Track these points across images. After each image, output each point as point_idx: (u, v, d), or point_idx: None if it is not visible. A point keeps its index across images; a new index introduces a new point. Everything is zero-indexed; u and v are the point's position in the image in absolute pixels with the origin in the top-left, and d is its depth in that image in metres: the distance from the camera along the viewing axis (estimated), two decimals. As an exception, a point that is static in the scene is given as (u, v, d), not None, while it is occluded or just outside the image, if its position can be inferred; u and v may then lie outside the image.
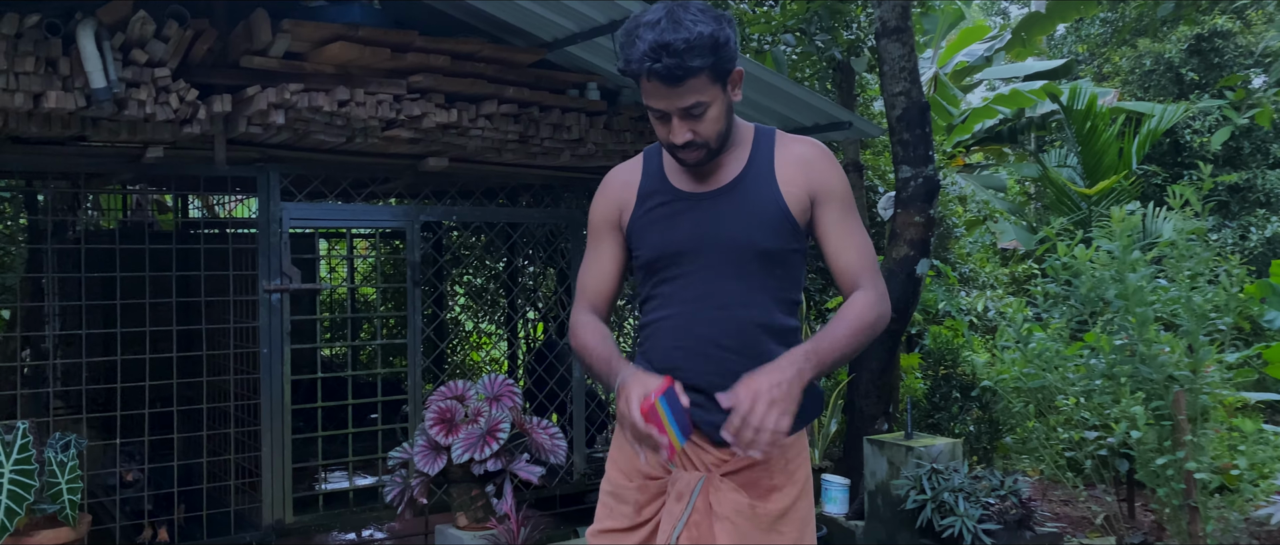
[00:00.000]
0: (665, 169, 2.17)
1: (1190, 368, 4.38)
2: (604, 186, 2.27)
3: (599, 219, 2.25)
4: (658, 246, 2.10)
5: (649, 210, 2.14)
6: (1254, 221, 11.46)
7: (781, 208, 2.08)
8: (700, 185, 2.12)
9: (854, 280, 2.08)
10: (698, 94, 1.95)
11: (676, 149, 2.03)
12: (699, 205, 2.10)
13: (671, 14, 1.92)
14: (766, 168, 2.12)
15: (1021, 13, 17.65)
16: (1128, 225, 4.36)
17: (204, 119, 4.23)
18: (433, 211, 5.19)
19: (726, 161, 2.12)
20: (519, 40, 4.93)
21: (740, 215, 2.07)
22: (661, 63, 1.89)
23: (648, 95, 1.98)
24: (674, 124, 2.00)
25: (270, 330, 4.65)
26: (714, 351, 2.07)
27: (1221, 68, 12.28)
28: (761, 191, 2.09)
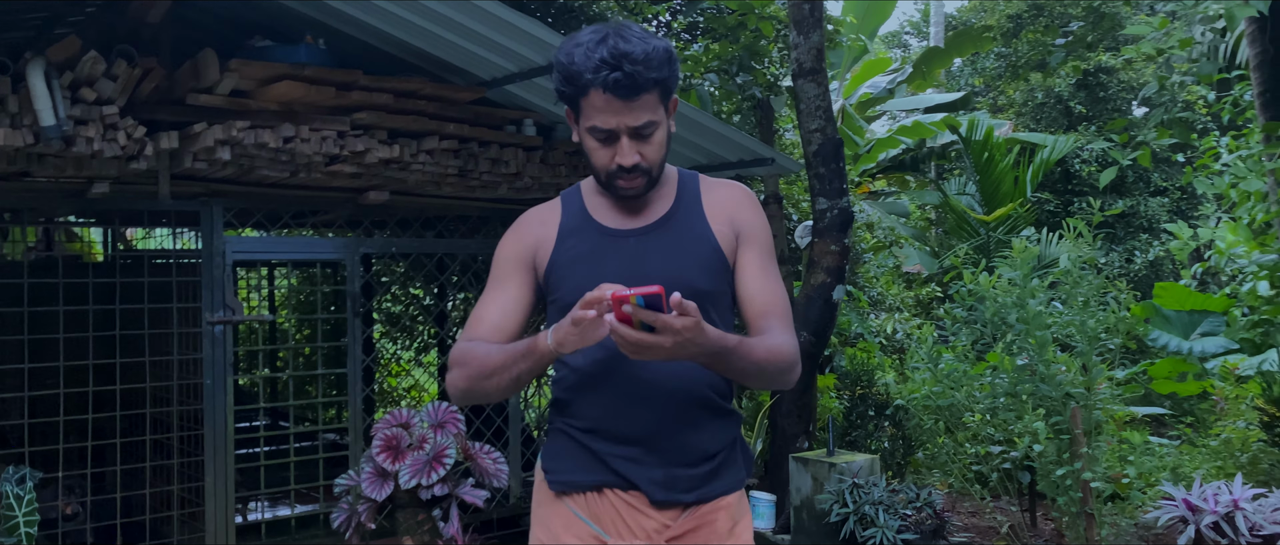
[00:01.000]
0: (587, 206, 2.05)
1: (1085, 385, 4.78)
2: (518, 224, 2.11)
3: (509, 257, 2.06)
4: (581, 286, 1.80)
5: (571, 248, 2.00)
6: (1138, 246, 12.23)
7: (714, 246, 1.99)
8: (627, 222, 2.01)
9: (769, 324, 1.96)
10: (649, 112, 1.87)
11: (621, 174, 1.91)
12: (626, 243, 1.98)
13: (618, 31, 1.85)
14: (695, 206, 2.03)
15: (921, 47, 18.43)
16: (1027, 256, 4.75)
17: (150, 155, 4.31)
18: (372, 243, 5.32)
19: (653, 199, 2.02)
20: (459, 79, 5.12)
21: (673, 253, 1.96)
22: (622, 71, 1.80)
23: (594, 113, 1.87)
24: (623, 144, 1.89)
25: (214, 362, 4.73)
26: (655, 400, 1.93)
27: (1106, 101, 13.10)
28: (693, 228, 2.00)
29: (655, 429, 1.94)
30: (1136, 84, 13.12)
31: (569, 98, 1.91)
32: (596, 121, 1.88)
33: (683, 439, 1.96)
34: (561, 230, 2.03)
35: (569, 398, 2.01)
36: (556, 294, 1.99)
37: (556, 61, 1.91)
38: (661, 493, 1.95)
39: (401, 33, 4.72)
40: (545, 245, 2.03)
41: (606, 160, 1.93)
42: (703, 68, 6.19)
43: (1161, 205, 12.48)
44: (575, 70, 1.85)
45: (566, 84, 1.89)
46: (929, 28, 18.28)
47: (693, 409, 1.96)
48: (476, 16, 4.36)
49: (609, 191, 1.99)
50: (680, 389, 1.94)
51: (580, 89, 1.86)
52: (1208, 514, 4.05)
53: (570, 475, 2.01)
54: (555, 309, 2.00)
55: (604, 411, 1.96)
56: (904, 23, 20.81)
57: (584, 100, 1.87)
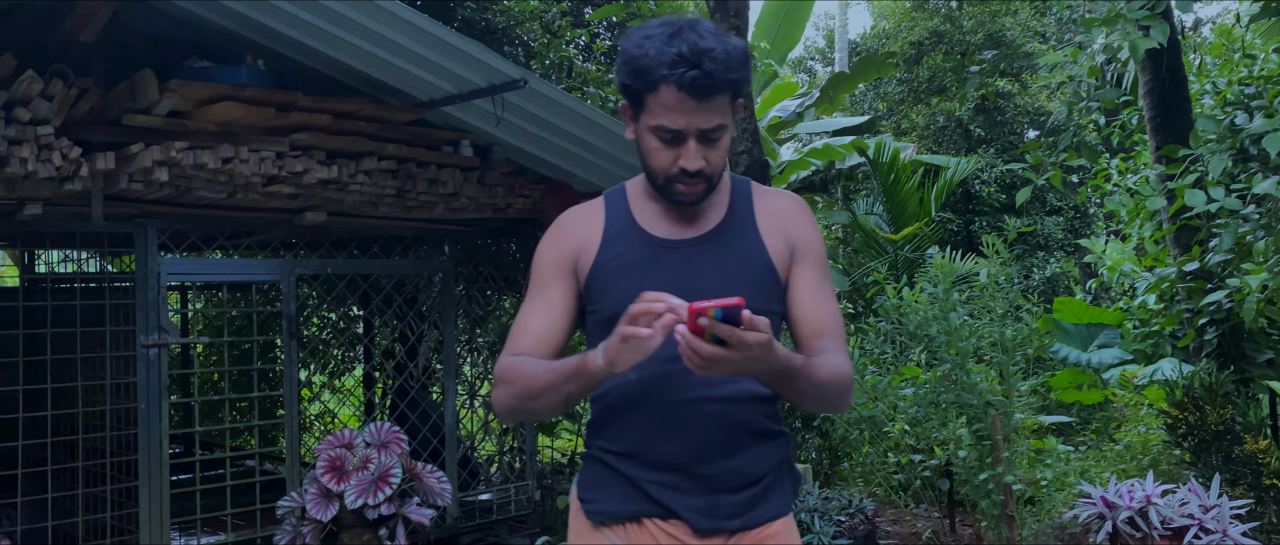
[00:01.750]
0: (633, 211, 1.91)
1: (1003, 393, 5.04)
2: (559, 226, 1.96)
3: (550, 262, 1.91)
4: (626, 298, 1.65)
5: (615, 256, 1.86)
6: (1036, 263, 12.80)
7: (767, 263, 1.86)
8: (677, 231, 1.87)
9: (825, 345, 1.83)
10: (720, 115, 1.75)
11: (682, 178, 1.79)
12: (675, 254, 1.85)
13: (693, 26, 1.73)
14: (748, 217, 1.90)
15: (827, 72, 18.98)
16: (950, 272, 5.00)
17: (85, 176, 4.25)
18: (308, 264, 5.30)
19: (706, 207, 1.89)
20: (397, 100, 5.15)
21: (723, 268, 1.84)
22: (700, 69, 1.68)
23: (662, 111, 1.73)
24: (689, 147, 1.76)
25: (148, 385, 4.65)
26: (697, 422, 1.80)
27: (1003, 124, 13.70)
28: (745, 243, 1.87)
29: (696, 453, 1.81)
30: (1031, 109, 13.76)
31: (633, 93, 1.77)
32: (663, 120, 1.74)
33: (726, 464, 1.83)
34: (605, 236, 1.88)
35: (607, 417, 1.88)
36: (598, 305, 1.86)
37: (624, 51, 1.77)
38: (704, 521, 1.83)
39: (341, 54, 4.74)
40: (587, 250, 1.88)
41: (668, 162, 1.78)
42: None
43: (1057, 224, 13.09)
44: (647, 63, 1.71)
45: (635, 77, 1.75)
46: (834, 53, 18.83)
47: (738, 433, 1.83)
48: (416, 38, 4.42)
49: (664, 196, 1.84)
50: (725, 412, 1.81)
51: (649, 84, 1.73)
52: (1123, 510, 4.31)
53: (607, 505, 1.88)
54: (595, 321, 1.87)
55: (643, 434, 1.83)
56: (809, 49, 21.39)
57: (651, 96, 1.74)
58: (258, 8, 4.36)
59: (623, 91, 1.81)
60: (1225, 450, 4.77)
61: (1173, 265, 5.55)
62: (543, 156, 5.52)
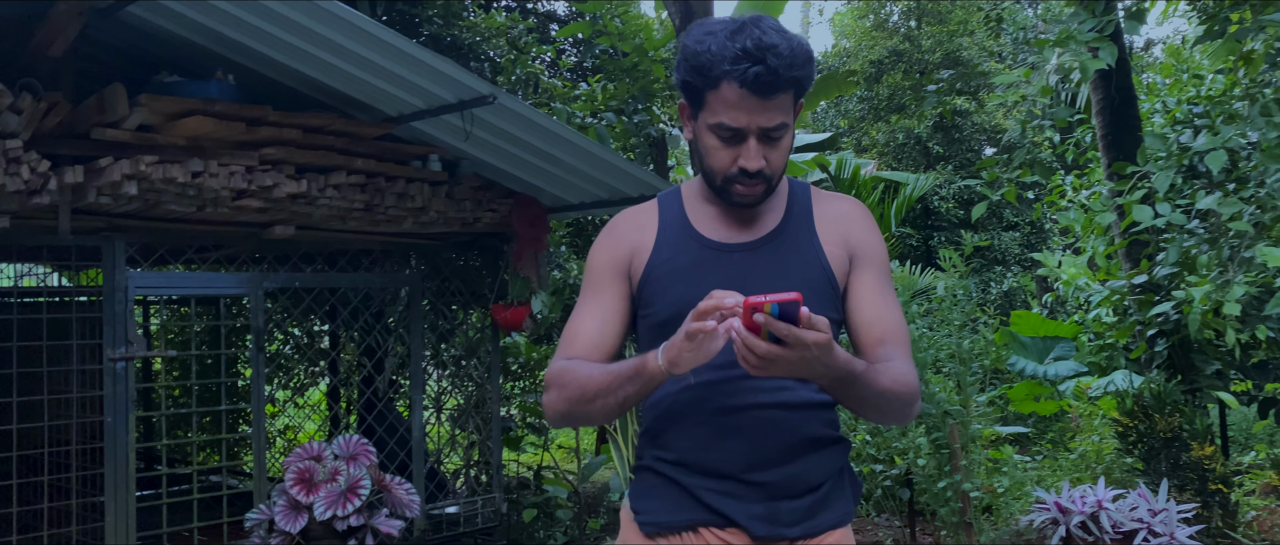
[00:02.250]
0: (688, 213, 1.87)
1: (961, 403, 5.17)
2: (613, 227, 1.92)
3: (603, 264, 1.88)
4: (680, 302, 1.66)
5: (669, 259, 1.82)
6: (993, 277, 13.04)
7: (825, 269, 1.81)
8: (732, 235, 1.83)
9: (889, 352, 1.78)
10: (783, 113, 1.71)
11: (742, 178, 1.74)
12: (731, 257, 1.81)
13: (757, 22, 1.68)
14: (806, 222, 1.86)
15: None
16: (909, 284, 5.12)
17: (54, 189, 4.26)
18: (276, 278, 5.33)
19: (763, 210, 1.85)
20: (366, 115, 5.20)
21: (780, 272, 1.79)
22: (764, 65, 1.64)
23: (723, 108, 1.69)
24: (749, 146, 1.72)
25: (115, 399, 4.65)
26: (754, 429, 1.76)
27: (961, 142, 13.98)
28: (803, 248, 1.83)
29: (753, 461, 1.76)
30: (987, 126, 14.04)
31: (694, 90, 1.73)
32: (724, 118, 1.70)
33: (784, 470, 1.78)
34: (659, 238, 1.85)
35: (661, 425, 1.83)
36: (651, 309, 1.82)
37: (685, 47, 1.73)
38: (763, 528, 1.78)
39: (311, 69, 4.79)
40: (641, 252, 1.85)
41: (727, 162, 1.74)
42: (601, 106, 6.43)
43: (1014, 239, 13.36)
44: (709, 59, 1.67)
45: (696, 74, 1.70)
46: (795, 71, 19.03)
47: (796, 440, 1.79)
48: (385, 53, 4.47)
49: (721, 197, 1.80)
50: (783, 419, 1.77)
51: (711, 81, 1.69)
52: (1076, 514, 4.44)
53: (660, 515, 1.82)
54: (648, 325, 1.83)
55: (698, 441, 1.78)
56: (771, 65, 21.59)
57: (712, 93, 1.70)
58: (228, 24, 4.40)
59: (682, 89, 1.78)
60: (1173, 457, 4.93)
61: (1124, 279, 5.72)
62: (510, 171, 5.59)
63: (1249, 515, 5.38)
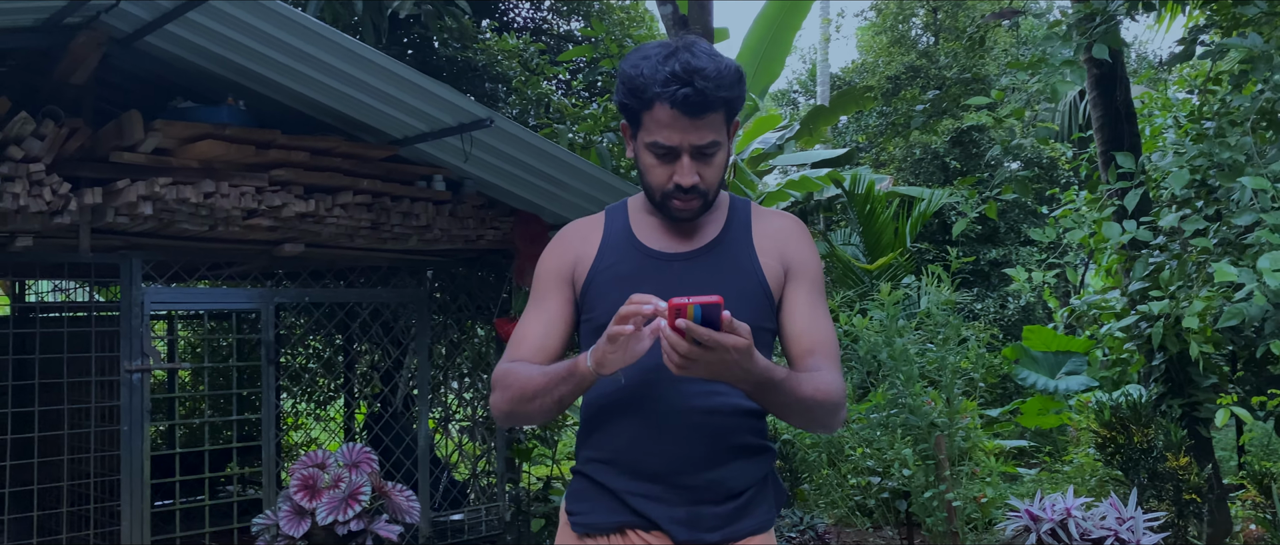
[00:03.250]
0: (632, 225, 1.98)
1: (948, 416, 5.29)
2: (559, 237, 2.05)
3: (549, 271, 2.00)
4: (618, 307, 1.72)
5: (611, 266, 1.94)
6: (1010, 293, 13.05)
7: (760, 281, 1.91)
8: (672, 245, 1.94)
9: (816, 363, 1.87)
10: (714, 131, 1.82)
11: (677, 194, 1.85)
12: (670, 266, 1.92)
13: (689, 46, 1.81)
14: (744, 235, 1.95)
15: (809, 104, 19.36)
16: (894, 298, 5.26)
17: (74, 210, 4.51)
18: (286, 293, 5.56)
19: (703, 223, 1.96)
20: (373, 137, 5.42)
21: (716, 281, 1.87)
22: (692, 87, 1.76)
23: (657, 128, 1.81)
24: (683, 163, 1.83)
25: (131, 409, 4.89)
26: (682, 432, 1.85)
27: (978, 157, 14.02)
28: (739, 260, 1.93)
29: (679, 465, 1.85)
30: (1004, 142, 14.08)
31: (630, 111, 1.86)
32: (658, 137, 1.82)
33: (709, 475, 1.87)
34: (603, 247, 1.97)
35: (593, 425, 1.95)
36: (592, 313, 1.93)
37: (622, 72, 1.86)
38: (685, 532, 1.88)
39: (319, 95, 5.02)
40: (584, 260, 1.96)
41: (663, 179, 1.86)
42: (602, 126, 6.62)
43: (1031, 254, 13.38)
44: (642, 82, 1.80)
45: (630, 96, 1.83)
46: (816, 87, 19.20)
47: (722, 445, 1.87)
48: (389, 81, 4.69)
49: (661, 212, 1.92)
50: (710, 424, 1.86)
51: (644, 102, 1.81)
52: (1046, 522, 4.56)
53: (593, 517, 1.94)
54: (589, 329, 1.93)
55: (627, 441, 1.88)
56: (793, 82, 21.76)
57: (647, 114, 1.82)
58: (239, 52, 4.64)
59: (621, 111, 1.90)
60: (1150, 467, 5.02)
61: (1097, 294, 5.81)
62: (512, 190, 5.78)
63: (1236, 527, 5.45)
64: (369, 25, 5.13)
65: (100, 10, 4.36)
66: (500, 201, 5.90)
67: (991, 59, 14.24)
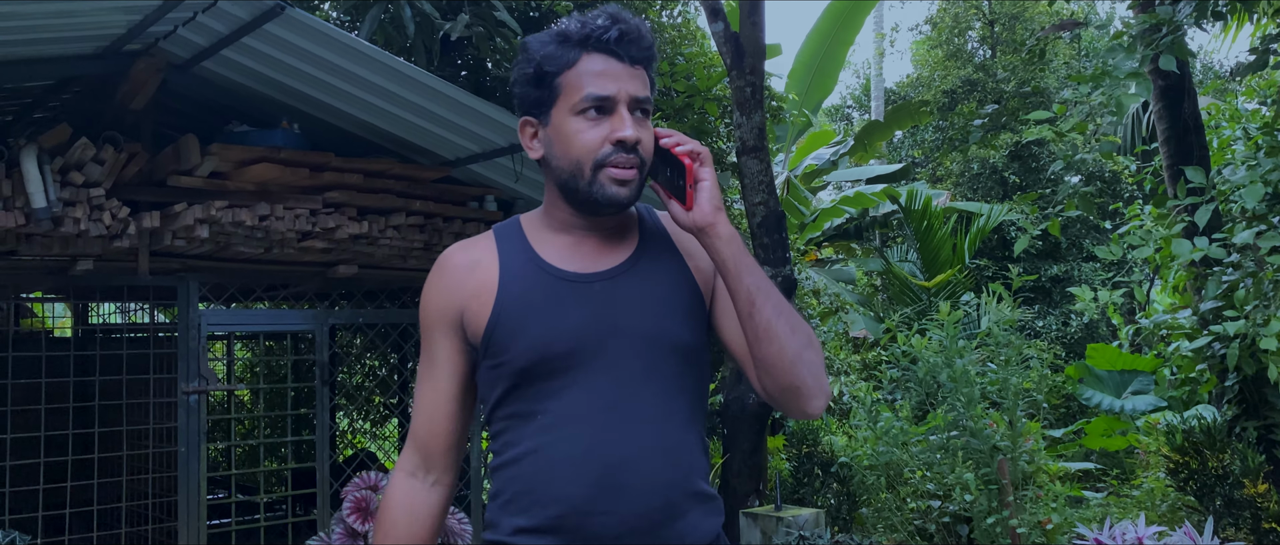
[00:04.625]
0: (533, 245, 1.67)
1: (1010, 439, 5.14)
2: (440, 269, 1.70)
3: (433, 316, 1.68)
4: (539, 345, 1.57)
5: (520, 296, 1.61)
6: (1073, 310, 12.75)
7: (693, 288, 1.67)
8: (587, 264, 1.64)
9: None
10: (647, 89, 1.62)
11: (616, 155, 1.57)
12: (591, 288, 1.62)
13: (602, 9, 1.65)
14: (664, 241, 1.70)
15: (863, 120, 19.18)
16: (954, 318, 5.13)
17: (133, 233, 4.57)
18: (340, 315, 5.58)
19: (614, 237, 1.68)
20: (425, 158, 5.44)
21: (649, 299, 1.62)
22: (625, 24, 1.59)
23: (587, 80, 1.57)
24: (621, 114, 1.57)
25: (187, 430, 4.93)
26: (634, 483, 1.55)
27: (1038, 172, 13.75)
28: (668, 268, 1.67)
29: (639, 522, 1.55)
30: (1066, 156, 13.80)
31: (544, 84, 1.61)
32: (591, 88, 1.57)
33: (670, 531, 1.58)
34: (503, 276, 1.64)
35: (527, 486, 1.58)
36: (504, 356, 1.60)
37: (528, 47, 1.64)
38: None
39: (372, 117, 5.04)
40: (480, 296, 1.63)
41: (596, 141, 1.58)
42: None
43: (1094, 271, 13.07)
44: (560, 42, 1.60)
45: (548, 61, 1.60)
46: (870, 102, 19.01)
47: (681, 493, 1.59)
48: (441, 103, 4.70)
49: (588, 198, 1.60)
50: (670, 467, 1.59)
51: (565, 62, 1.59)
52: (1118, 552, 4.39)
53: None
54: (501, 374, 1.61)
55: (579, 501, 1.54)
56: (846, 96, 21.59)
57: (569, 74, 1.59)
58: (293, 77, 4.68)
59: (526, 97, 1.65)
60: (1226, 494, 4.82)
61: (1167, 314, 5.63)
62: (564, 210, 5.76)
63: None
64: (420, 48, 5.15)
65: (159, 37, 4.42)
66: (552, 221, 5.87)
67: (1051, 72, 13.97)
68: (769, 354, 1.58)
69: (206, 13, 4.08)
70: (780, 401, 1.62)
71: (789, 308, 1.61)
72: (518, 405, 1.61)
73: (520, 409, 1.61)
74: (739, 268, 1.59)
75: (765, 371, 1.60)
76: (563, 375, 1.58)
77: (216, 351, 7.78)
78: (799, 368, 1.58)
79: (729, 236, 1.59)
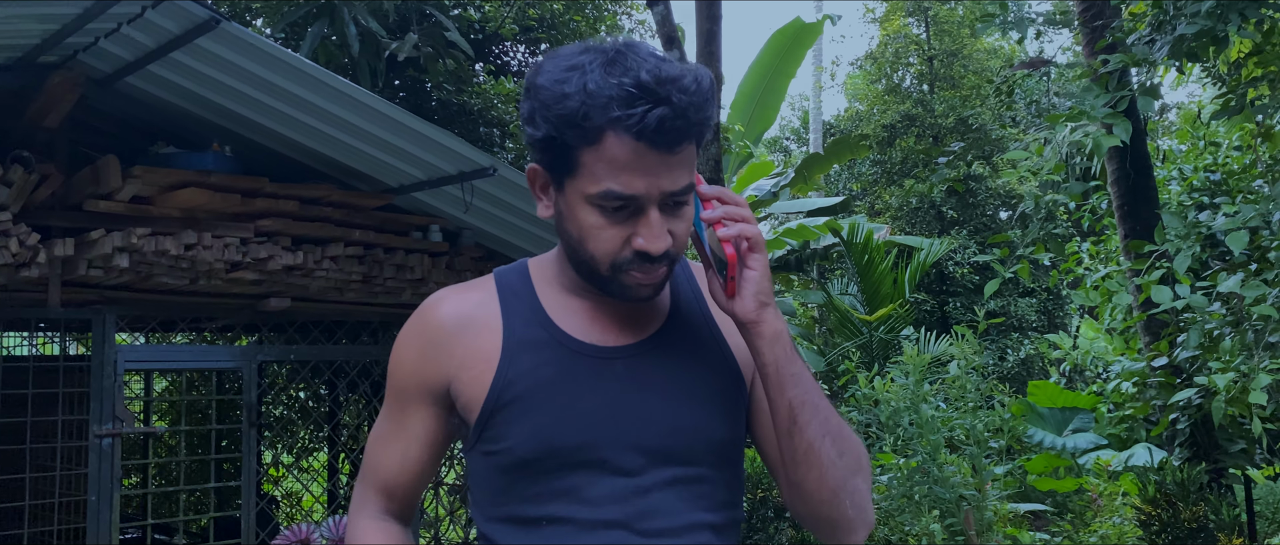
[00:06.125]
0: (543, 304, 1.36)
1: (975, 486, 4.98)
2: (422, 326, 1.38)
3: (410, 379, 1.38)
4: (546, 435, 1.29)
5: (529, 372, 1.31)
6: (1010, 345, 12.83)
7: (732, 370, 1.38)
8: (610, 335, 1.34)
9: None
10: (688, 171, 1.25)
11: (641, 264, 1.26)
12: (611, 368, 1.32)
13: (633, 48, 1.23)
14: (699, 307, 1.40)
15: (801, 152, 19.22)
16: (920, 361, 4.97)
17: (43, 262, 4.18)
18: (271, 351, 5.22)
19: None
20: (366, 185, 5.13)
21: (679, 383, 1.33)
22: (671, 106, 1.19)
23: (608, 172, 1.21)
24: (650, 218, 1.24)
25: (99, 477, 4.52)
26: None
27: (975, 206, 13.84)
28: (704, 343, 1.38)
29: None
30: (1002, 191, 13.92)
31: (561, 149, 1.24)
32: (612, 184, 1.22)
33: None
34: (507, 342, 1.32)
35: None
36: (502, 444, 1.31)
37: (540, 89, 1.24)
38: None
39: (310, 140, 4.73)
40: (474, 369, 1.33)
41: (616, 244, 1.26)
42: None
43: (1030, 306, 13.16)
44: (584, 102, 1.20)
45: (566, 125, 1.21)
46: (808, 134, 19.09)
47: None
48: (385, 125, 4.41)
49: (606, 290, 1.31)
50: None
51: (588, 134, 1.21)
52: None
53: None
54: (493, 463, 1.33)
55: None
56: (785, 128, 21.66)
57: (590, 152, 1.22)
58: (227, 95, 4.35)
59: (542, 148, 1.26)
60: (1200, 548, 4.73)
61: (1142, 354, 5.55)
62: (513, 241, 5.49)
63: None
64: (365, 67, 4.85)
65: (78, 49, 4.07)
66: (500, 253, 5.60)
67: (987, 108, 14.11)
68: (808, 480, 1.30)
69: (132, 24, 3.74)
70: (811, 528, 1.37)
71: (837, 424, 1.32)
72: (514, 507, 1.32)
73: (517, 512, 1.32)
74: (781, 377, 1.29)
75: (801, 497, 1.32)
76: (571, 473, 1.29)
77: (133, 389, 7.30)
78: (840, 499, 1.30)
79: (774, 336, 1.29)
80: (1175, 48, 3.77)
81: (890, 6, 15.39)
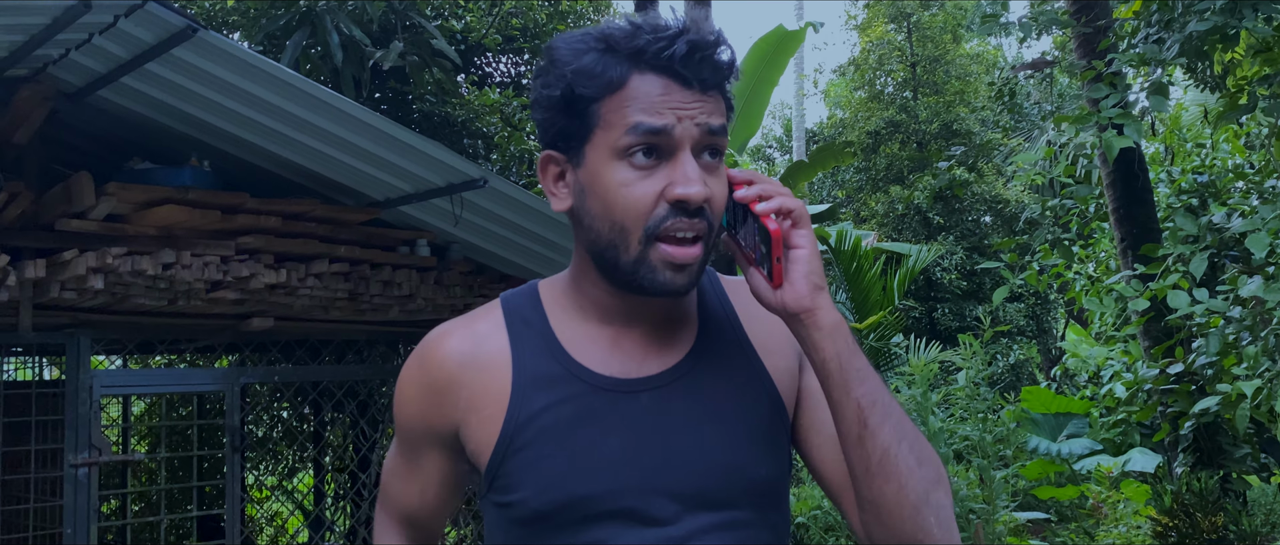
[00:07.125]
0: (556, 329, 1.22)
1: (985, 498, 4.85)
2: (423, 367, 1.24)
3: (415, 428, 1.27)
4: (563, 484, 1.15)
5: (544, 411, 1.17)
6: (999, 350, 12.76)
7: (773, 398, 1.22)
8: (632, 364, 1.20)
9: None
10: (721, 118, 1.15)
11: (677, 218, 1.12)
12: (635, 402, 1.18)
13: (650, 17, 1.18)
14: (732, 328, 1.25)
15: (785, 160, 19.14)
16: (927, 372, 4.84)
17: (13, 285, 3.99)
18: (254, 373, 5.03)
19: (672, 320, 1.23)
20: (351, 199, 4.95)
21: (713, 417, 1.19)
22: (699, 35, 1.12)
23: (635, 109, 1.11)
24: (683, 161, 1.11)
25: (76, 509, 4.31)
26: None
27: (961, 212, 13.80)
28: (740, 368, 1.23)
29: None
30: (988, 196, 13.88)
31: (579, 106, 1.14)
32: (639, 117, 1.11)
33: None
34: (518, 380, 1.18)
35: None
36: (513, 496, 1.17)
37: (558, 54, 1.16)
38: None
39: (292, 154, 4.55)
40: (482, 412, 1.19)
41: (648, 200, 1.12)
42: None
43: (1019, 310, 13.11)
44: (611, 41, 1.13)
45: (585, 78, 1.13)
46: (791, 142, 19.01)
47: None
48: (370, 137, 4.24)
49: (633, 280, 1.15)
50: None
51: (609, 81, 1.13)
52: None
53: None
54: (506, 515, 1.19)
55: None
56: (767, 136, 21.60)
57: (611, 100, 1.12)
58: (205, 108, 4.17)
59: (550, 124, 1.17)
60: (1221, 560, 4.61)
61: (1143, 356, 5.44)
62: (503, 255, 5.33)
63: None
64: (349, 78, 4.68)
65: (47, 62, 3.88)
66: (490, 267, 5.43)
67: (971, 112, 14.08)
68: (885, 494, 1.11)
69: (104, 34, 3.56)
70: None
71: (912, 427, 1.15)
72: None
73: None
74: (846, 374, 1.11)
75: (877, 517, 1.13)
76: (595, 525, 1.14)
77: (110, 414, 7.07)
78: (923, 515, 1.11)
79: (833, 327, 1.12)
80: (1185, 46, 3.68)
81: (872, 13, 15.35)
